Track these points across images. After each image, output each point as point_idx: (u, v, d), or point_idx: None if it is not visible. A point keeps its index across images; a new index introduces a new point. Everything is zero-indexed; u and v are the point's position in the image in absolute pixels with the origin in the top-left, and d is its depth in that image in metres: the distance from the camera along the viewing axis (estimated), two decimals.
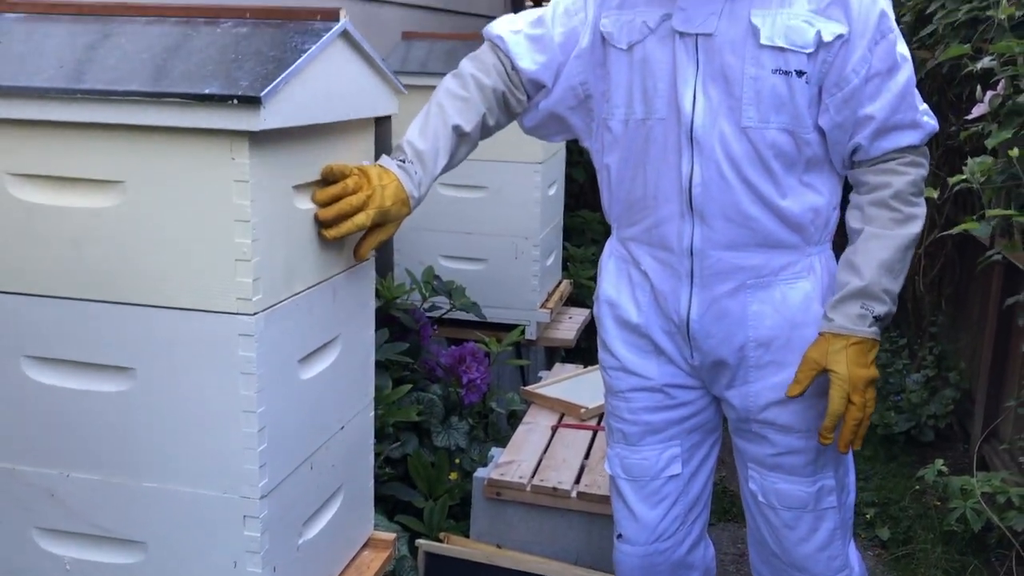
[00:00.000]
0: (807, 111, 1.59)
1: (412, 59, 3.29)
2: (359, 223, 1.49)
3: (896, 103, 1.60)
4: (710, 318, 1.69)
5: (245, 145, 1.26)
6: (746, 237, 1.64)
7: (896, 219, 1.62)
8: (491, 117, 1.71)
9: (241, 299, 1.31)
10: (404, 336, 2.64)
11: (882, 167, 1.64)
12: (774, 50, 1.55)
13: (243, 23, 1.43)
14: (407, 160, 1.61)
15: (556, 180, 3.56)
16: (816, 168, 1.65)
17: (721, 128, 1.59)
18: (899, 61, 1.60)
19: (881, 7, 1.58)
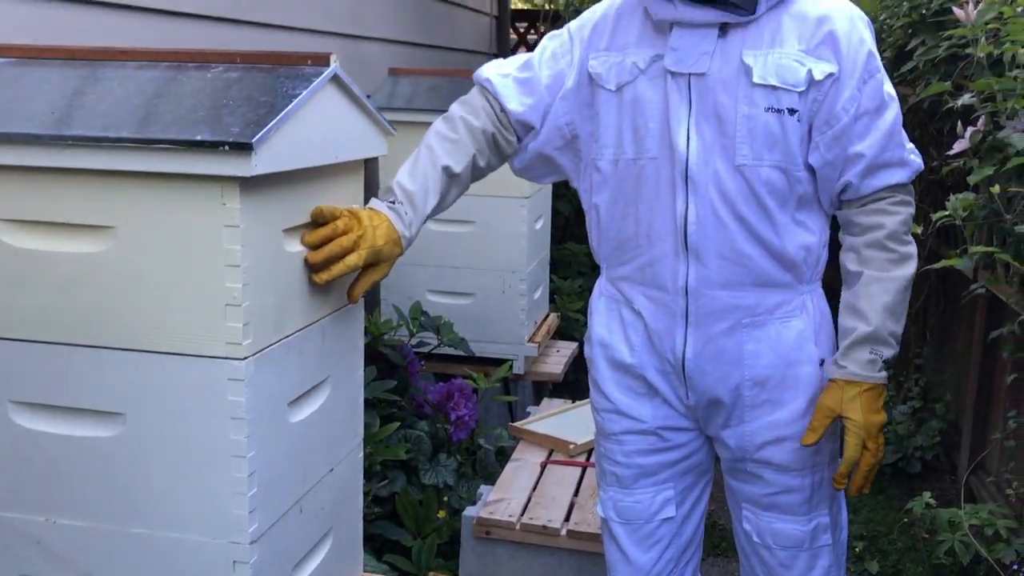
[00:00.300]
0: (798, 148, 1.61)
1: (398, 95, 3.31)
2: (351, 264, 1.49)
3: (885, 141, 1.62)
4: (706, 357, 1.69)
5: (236, 190, 1.27)
6: (741, 276, 1.64)
7: (893, 260, 1.64)
8: (481, 158, 1.72)
9: (231, 344, 1.31)
10: (392, 372, 2.63)
11: (873, 207, 1.65)
12: (767, 88, 1.57)
13: (233, 68, 1.43)
14: (397, 201, 1.62)
15: (543, 214, 3.58)
16: (807, 206, 1.66)
17: (715, 167, 1.60)
18: (887, 100, 1.62)
19: (869, 47, 1.60)
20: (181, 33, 2.30)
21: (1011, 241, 2.02)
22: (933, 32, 2.87)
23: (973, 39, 2.19)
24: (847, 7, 1.63)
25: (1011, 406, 2.78)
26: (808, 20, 1.59)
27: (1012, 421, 2.60)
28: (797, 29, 1.59)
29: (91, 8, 1.99)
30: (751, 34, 1.59)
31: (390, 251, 1.56)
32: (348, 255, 1.49)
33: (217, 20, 2.46)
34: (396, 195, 1.63)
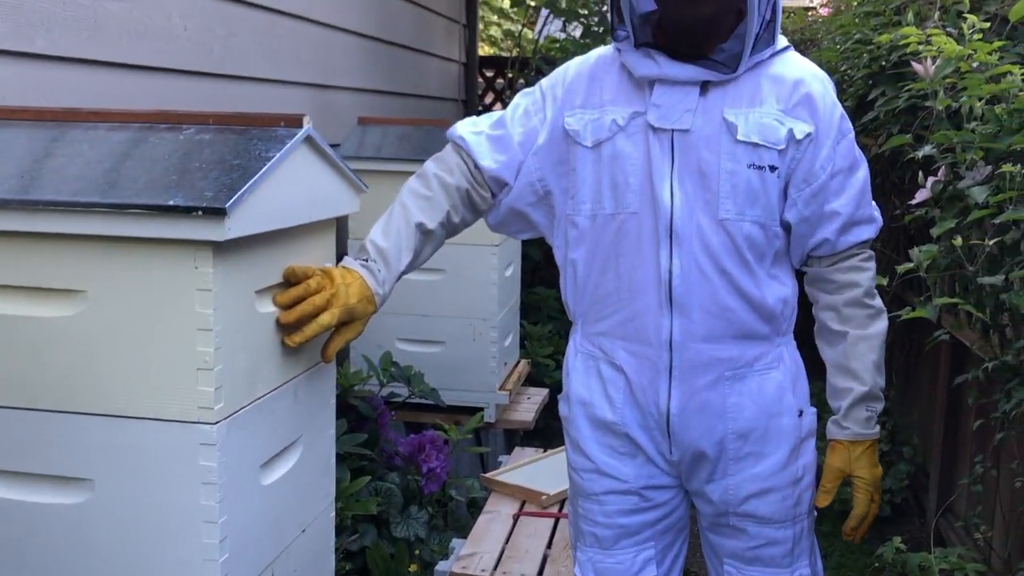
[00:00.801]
0: (777, 204, 1.65)
1: (367, 144, 3.32)
2: (324, 324, 1.49)
3: (859, 199, 1.69)
4: (690, 411, 1.69)
5: (209, 254, 1.26)
6: (723, 329, 1.66)
7: (871, 315, 1.71)
8: (456, 215, 1.73)
9: (203, 408, 1.30)
10: (362, 425, 2.61)
11: (846, 264, 1.71)
12: (749, 146, 1.60)
13: (206, 129, 1.44)
14: (370, 259, 1.62)
15: (513, 261, 3.59)
16: (780, 260, 1.70)
17: (698, 221, 1.62)
18: (858, 159, 1.70)
19: (840, 109, 1.68)
20: (150, 87, 2.30)
21: (973, 289, 2.06)
22: (893, 83, 2.93)
23: (932, 92, 2.24)
24: (817, 70, 1.69)
25: (977, 450, 2.81)
26: (785, 82, 1.64)
27: (979, 466, 2.63)
28: (775, 90, 1.63)
29: (57, 64, 1.98)
30: (731, 93, 1.62)
31: (363, 309, 1.57)
32: (321, 314, 1.49)
33: (187, 73, 2.46)
34: (369, 253, 1.63)
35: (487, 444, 3.37)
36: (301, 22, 3.14)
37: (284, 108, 3.05)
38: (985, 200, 1.85)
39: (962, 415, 3.12)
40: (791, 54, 1.71)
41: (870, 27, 3.13)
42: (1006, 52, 2.46)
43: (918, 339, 3.59)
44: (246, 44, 2.77)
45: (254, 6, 2.79)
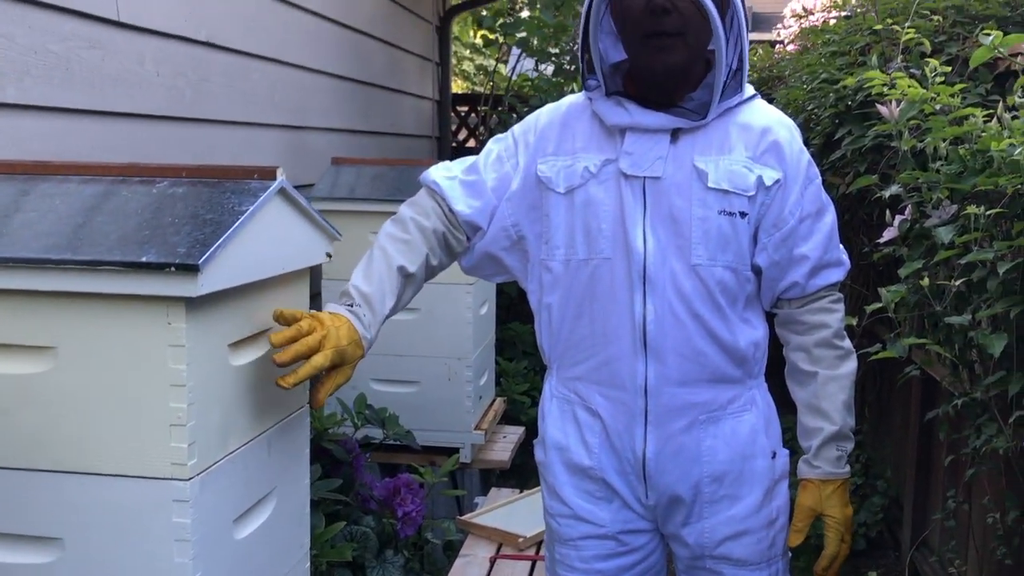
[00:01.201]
0: (747, 250, 1.67)
1: (341, 184, 3.33)
2: (317, 365, 1.47)
3: (826, 242, 1.72)
4: (666, 455, 1.70)
5: (182, 310, 1.26)
6: (697, 373, 1.68)
7: (840, 356, 1.74)
8: (434, 258, 1.74)
9: (176, 464, 1.29)
10: (336, 468, 2.60)
11: (815, 306, 1.74)
12: (719, 193, 1.63)
13: (179, 182, 1.44)
14: (355, 304, 1.62)
15: (487, 299, 3.60)
16: (751, 304, 1.73)
17: (671, 266, 1.64)
18: (825, 203, 1.74)
19: (807, 155, 1.72)
20: (123, 133, 2.30)
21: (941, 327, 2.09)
22: (859, 123, 2.98)
23: (897, 133, 2.28)
24: (783, 117, 1.74)
25: (950, 484, 2.83)
26: (753, 129, 1.67)
27: (951, 501, 2.65)
28: (743, 138, 1.66)
29: (28, 113, 1.98)
30: (700, 140, 1.65)
31: (353, 352, 1.56)
32: (314, 356, 1.47)
33: (160, 118, 2.46)
34: (353, 298, 1.63)
35: (463, 484, 3.35)
36: (275, 64, 3.15)
37: (258, 150, 3.05)
38: (951, 240, 1.89)
39: (934, 448, 3.15)
40: (758, 102, 1.74)
41: (835, 67, 3.18)
42: (968, 93, 2.52)
43: (890, 373, 3.62)
44: (219, 88, 2.77)
45: (227, 50, 2.80)
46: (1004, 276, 1.95)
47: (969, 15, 2.77)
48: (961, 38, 2.77)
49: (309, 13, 3.43)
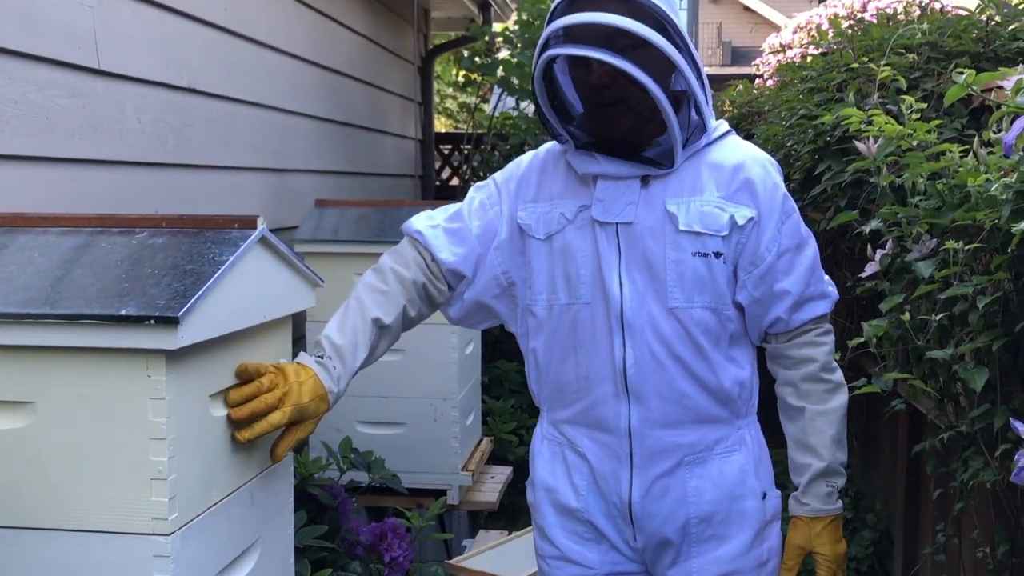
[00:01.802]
0: (726, 289, 1.67)
1: (325, 226, 3.33)
2: (274, 422, 1.46)
3: (808, 276, 1.71)
4: (652, 498, 1.69)
5: (162, 363, 1.25)
6: (681, 414, 1.67)
7: (829, 390, 1.73)
8: (412, 309, 1.73)
9: (156, 519, 1.27)
10: (322, 514, 2.57)
11: (801, 340, 1.73)
12: (691, 235, 1.63)
13: (159, 233, 1.43)
14: (326, 356, 1.61)
15: (473, 339, 3.59)
16: (737, 342, 1.72)
17: (649, 310, 1.64)
18: (805, 236, 1.73)
19: (782, 191, 1.71)
20: (104, 180, 2.29)
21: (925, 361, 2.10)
22: (838, 158, 3.01)
23: (875, 168, 2.30)
24: (757, 153, 1.73)
25: (939, 517, 2.82)
26: (724, 169, 1.67)
27: (941, 535, 2.64)
28: (715, 177, 1.66)
29: (8, 163, 1.97)
30: (672, 183, 1.66)
31: (316, 408, 1.54)
32: (272, 412, 1.46)
33: (141, 165, 2.46)
34: (325, 350, 1.62)
35: (451, 526, 3.32)
36: (257, 108, 3.16)
37: (241, 194, 3.05)
38: (931, 274, 1.90)
39: (923, 481, 3.15)
40: (731, 139, 1.74)
41: (813, 103, 3.22)
42: (944, 129, 2.55)
43: (877, 405, 3.62)
44: (201, 133, 2.78)
45: (209, 95, 2.81)
46: (984, 310, 1.97)
47: (943, 51, 2.81)
48: (936, 74, 2.81)
49: (290, 56, 3.45)
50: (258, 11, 3.15)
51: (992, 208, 1.81)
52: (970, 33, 2.82)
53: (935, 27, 2.87)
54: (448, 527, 3.35)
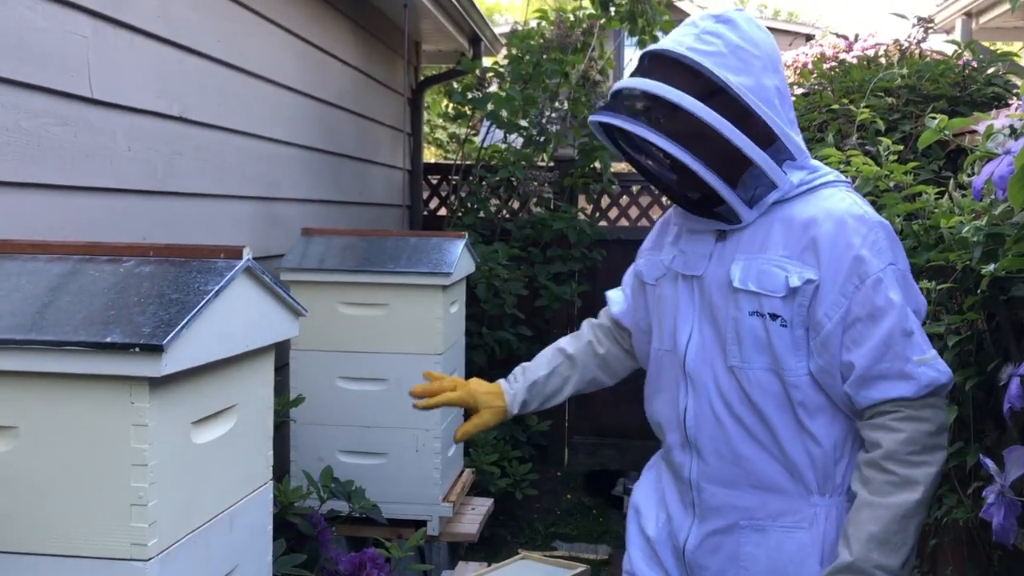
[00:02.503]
0: (789, 354, 1.57)
1: (311, 255, 3.35)
2: (447, 398, 1.86)
3: (880, 351, 1.52)
4: (705, 551, 1.68)
5: (145, 390, 1.27)
6: (739, 476, 1.63)
7: (892, 482, 1.50)
8: (600, 346, 1.95)
9: (136, 544, 1.29)
10: (302, 543, 2.57)
11: (875, 422, 1.54)
12: (748, 294, 1.59)
13: (146, 261, 1.46)
14: (511, 376, 1.92)
15: (456, 369, 3.60)
16: (816, 414, 1.59)
17: (712, 365, 1.64)
18: (883, 307, 1.52)
19: (857, 252, 1.54)
20: (93, 207, 2.31)
21: None
22: None
23: None
24: (840, 209, 1.57)
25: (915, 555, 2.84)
26: (795, 225, 1.58)
27: (916, 571, 2.66)
28: (784, 234, 1.59)
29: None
30: (745, 239, 1.62)
31: (489, 400, 1.86)
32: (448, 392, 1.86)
33: (131, 192, 2.48)
34: (513, 373, 1.92)
35: (431, 557, 3.32)
36: (247, 137, 3.19)
37: (229, 222, 3.08)
38: None
39: None
40: (822, 192, 1.61)
41: None
42: (921, 170, 2.60)
43: None
44: (191, 162, 2.80)
45: (200, 124, 2.84)
46: (957, 349, 2.01)
47: (921, 95, 2.88)
48: (914, 116, 2.87)
49: (281, 87, 3.49)
50: (251, 42, 3.19)
51: (964, 249, 1.85)
52: (947, 77, 2.89)
53: (914, 71, 2.94)
54: (428, 558, 3.35)
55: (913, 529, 1.49)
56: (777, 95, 1.59)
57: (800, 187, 1.61)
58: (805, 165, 1.63)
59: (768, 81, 1.58)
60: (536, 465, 4.53)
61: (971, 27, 6.27)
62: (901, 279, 1.56)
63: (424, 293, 3.25)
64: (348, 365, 3.27)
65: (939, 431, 1.53)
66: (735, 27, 1.58)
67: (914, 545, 1.51)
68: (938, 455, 1.52)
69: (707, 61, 1.53)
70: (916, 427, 1.51)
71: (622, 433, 5.60)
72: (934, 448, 1.52)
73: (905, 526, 1.49)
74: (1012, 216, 1.67)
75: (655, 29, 5.08)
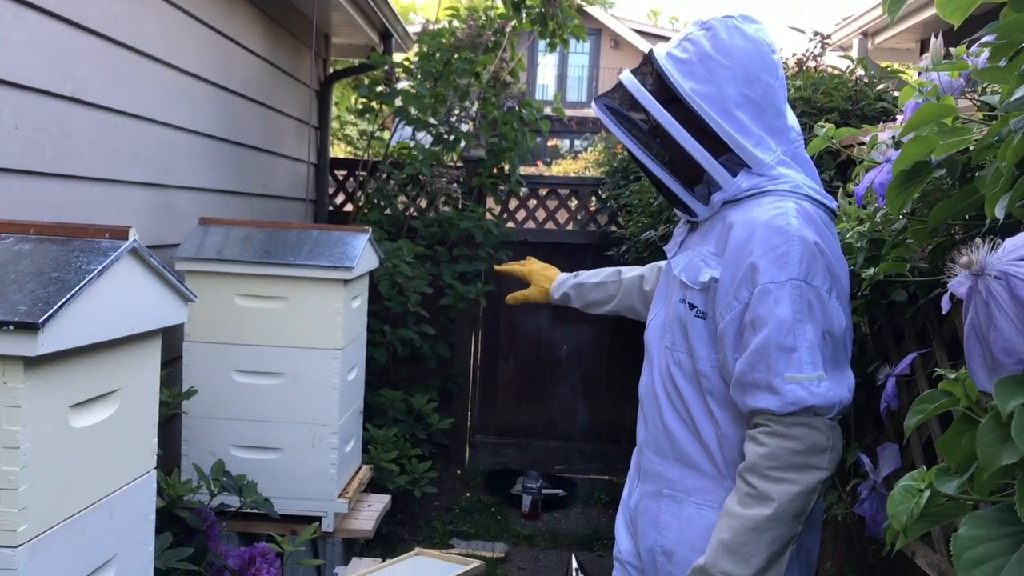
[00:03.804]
0: (702, 344, 1.66)
1: (208, 245, 3.28)
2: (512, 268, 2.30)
3: (752, 360, 1.53)
4: (639, 511, 1.80)
5: (20, 369, 1.23)
6: (666, 447, 1.74)
7: (750, 494, 1.51)
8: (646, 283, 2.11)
9: (5, 531, 1.24)
10: (190, 537, 2.51)
11: (749, 432, 1.57)
12: (680, 283, 1.73)
13: (26, 239, 1.40)
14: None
15: (356, 365, 3.57)
16: (724, 406, 1.65)
17: (660, 343, 1.78)
18: (764, 317, 1.53)
19: (753, 260, 1.55)
20: None
21: None
22: None
23: None
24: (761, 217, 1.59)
25: None
26: (725, 226, 1.64)
27: None
28: (717, 232, 1.67)
29: None
30: (699, 233, 1.75)
31: (539, 279, 2.23)
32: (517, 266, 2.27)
33: (18, 172, 2.39)
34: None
35: (325, 554, 3.28)
36: (142, 122, 3.10)
37: (121, 208, 2.98)
38: None
39: None
40: (761, 200, 1.63)
41: None
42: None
43: None
44: (82, 143, 2.71)
45: (92, 105, 2.75)
46: None
47: (816, 107, 2.97)
48: (809, 128, 2.96)
49: (181, 72, 3.41)
50: (151, 24, 3.10)
51: (849, 255, 1.92)
52: (840, 91, 2.99)
53: (809, 83, 3.04)
54: (322, 555, 3.31)
55: (766, 543, 1.49)
56: (743, 104, 1.63)
57: (748, 192, 1.65)
58: (764, 173, 1.66)
59: (731, 90, 1.63)
60: (437, 463, 4.52)
61: (867, 47, 6.51)
62: (800, 295, 1.53)
63: (324, 287, 3.21)
64: (244, 358, 3.21)
65: (809, 451, 1.50)
66: (713, 36, 1.65)
67: (771, 559, 1.50)
68: (806, 475, 1.50)
69: (673, 68, 1.65)
70: (780, 443, 1.50)
71: (524, 433, 5.63)
72: (801, 467, 1.50)
73: (755, 539, 1.48)
74: (892, 223, 1.74)
75: (565, 33, 5.13)
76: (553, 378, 5.63)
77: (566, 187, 5.82)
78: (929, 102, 1.35)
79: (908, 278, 1.70)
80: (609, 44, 21.21)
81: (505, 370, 5.69)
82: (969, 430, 0.84)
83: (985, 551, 0.71)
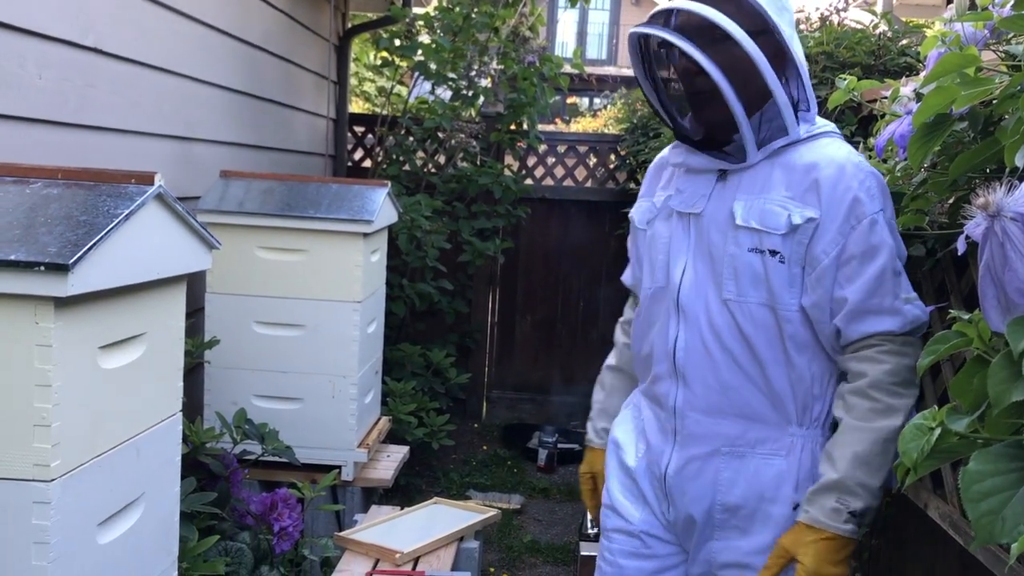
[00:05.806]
0: (785, 290, 1.65)
1: (229, 198, 3.31)
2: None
3: (872, 287, 1.60)
4: (685, 476, 1.75)
5: (50, 309, 1.26)
6: (723, 404, 1.71)
7: (876, 409, 1.59)
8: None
9: (38, 465, 1.28)
10: (213, 483, 2.56)
11: (862, 354, 1.63)
12: (749, 231, 1.66)
13: (54, 183, 1.43)
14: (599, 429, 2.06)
15: (375, 318, 3.61)
16: (803, 349, 1.68)
17: (707, 299, 1.71)
18: (877, 246, 1.61)
19: (855, 194, 1.61)
20: (2, 136, 2.24)
21: None
22: None
23: None
24: (841, 157, 1.65)
25: None
26: (796, 169, 1.66)
27: None
28: (786, 177, 1.66)
29: None
30: (746, 180, 1.70)
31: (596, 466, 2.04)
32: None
33: (42, 123, 2.41)
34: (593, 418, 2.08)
35: (344, 502, 3.34)
36: (164, 74, 3.11)
37: (143, 160, 3.01)
38: None
39: None
40: (822, 141, 1.69)
41: None
42: None
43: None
44: (105, 95, 2.73)
45: (114, 57, 2.76)
46: None
47: (838, 62, 2.95)
48: (830, 83, 2.94)
49: (202, 24, 3.41)
50: None
51: None
52: (863, 46, 2.96)
53: (832, 38, 3.01)
54: (342, 503, 3.37)
55: (891, 455, 1.56)
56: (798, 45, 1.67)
57: (806, 135, 1.69)
58: (809, 119, 1.71)
59: (792, 31, 1.66)
60: (454, 418, 4.57)
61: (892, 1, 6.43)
62: (891, 223, 1.65)
63: (344, 240, 3.24)
64: (265, 310, 3.25)
65: (914, 368, 1.59)
66: None
67: (889, 471, 1.59)
68: (913, 390, 1.61)
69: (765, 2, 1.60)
70: (899, 360, 1.60)
71: (541, 389, 5.67)
72: (911, 383, 1.61)
73: (886, 449, 1.57)
74: (912, 176, 1.74)
75: None
76: (570, 335, 5.66)
77: (585, 144, 5.80)
78: (951, 52, 1.34)
79: (927, 231, 1.70)
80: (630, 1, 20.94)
81: (522, 327, 5.72)
82: (981, 371, 0.85)
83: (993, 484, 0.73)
